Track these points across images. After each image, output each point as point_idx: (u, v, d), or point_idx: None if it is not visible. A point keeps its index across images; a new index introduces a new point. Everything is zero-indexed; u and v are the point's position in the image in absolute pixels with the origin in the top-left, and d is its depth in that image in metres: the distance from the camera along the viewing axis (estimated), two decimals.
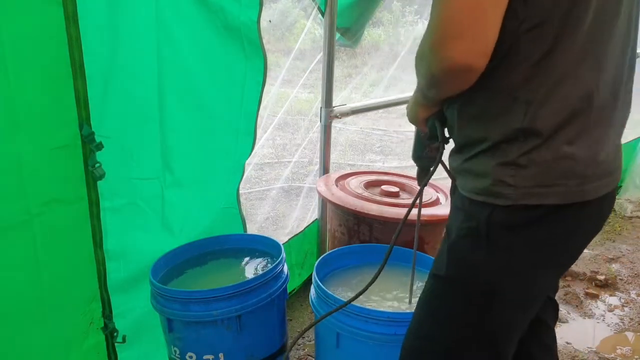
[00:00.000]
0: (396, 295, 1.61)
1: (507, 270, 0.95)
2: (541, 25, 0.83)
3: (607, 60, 0.89)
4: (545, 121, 0.86)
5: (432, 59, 0.85)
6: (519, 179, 0.88)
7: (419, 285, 1.67)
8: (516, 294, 0.98)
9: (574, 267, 2.87)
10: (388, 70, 3.05)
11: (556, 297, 1.32)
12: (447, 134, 1.10)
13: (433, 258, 1.70)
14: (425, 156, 1.29)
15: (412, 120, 1.17)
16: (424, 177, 1.32)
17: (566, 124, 0.87)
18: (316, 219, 2.52)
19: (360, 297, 1.26)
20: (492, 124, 0.91)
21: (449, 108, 1.02)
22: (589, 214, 0.95)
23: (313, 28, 2.46)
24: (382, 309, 1.48)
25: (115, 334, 1.51)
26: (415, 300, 1.49)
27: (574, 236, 0.98)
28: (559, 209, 0.90)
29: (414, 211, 1.27)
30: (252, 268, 1.74)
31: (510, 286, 0.97)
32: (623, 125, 0.99)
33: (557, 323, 2.36)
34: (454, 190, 1.09)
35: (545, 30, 0.83)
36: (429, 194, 2.09)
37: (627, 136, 3.95)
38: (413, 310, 1.15)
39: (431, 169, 1.21)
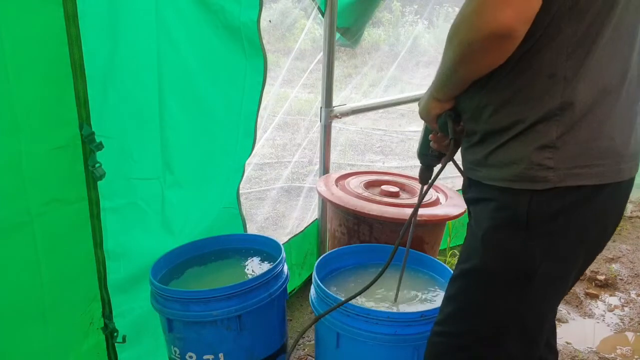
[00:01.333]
0: (383, 294, 1.61)
1: (547, 256, 0.94)
2: (581, 2, 0.84)
3: (638, 40, 0.91)
4: (582, 95, 0.87)
5: (475, 22, 0.83)
6: (558, 160, 0.88)
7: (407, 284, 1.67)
8: (555, 279, 0.98)
9: None
10: (388, 70, 3.05)
11: None
12: (459, 131, 1.08)
13: (432, 258, 1.72)
14: (431, 154, 1.27)
15: (424, 116, 1.16)
16: (427, 175, 1.31)
17: (601, 100, 0.88)
18: (316, 219, 2.52)
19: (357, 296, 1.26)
20: (528, 105, 0.90)
21: (473, 97, 0.99)
22: (620, 195, 0.96)
23: (313, 28, 2.46)
24: (381, 309, 1.48)
25: (115, 334, 1.51)
26: (399, 302, 1.50)
27: (609, 217, 0.99)
28: (597, 190, 0.90)
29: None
30: (252, 268, 1.74)
31: (549, 271, 0.96)
32: None
33: (557, 323, 2.37)
34: (469, 185, 1.07)
35: (585, 7, 0.84)
36: (428, 194, 2.09)
37: None
38: (404, 310, 1.14)
39: (438, 167, 1.20)
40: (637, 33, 0.91)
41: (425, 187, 1.23)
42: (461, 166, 1.12)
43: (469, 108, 1.02)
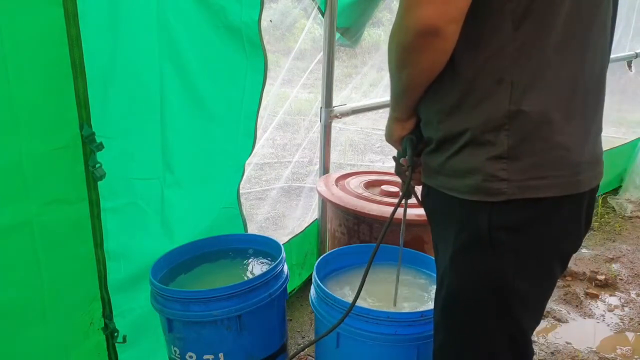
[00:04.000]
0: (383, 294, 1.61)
1: (519, 273, 0.93)
2: (525, 6, 0.83)
3: (591, 45, 0.89)
4: (532, 104, 0.84)
5: (403, 24, 0.85)
6: (512, 172, 0.86)
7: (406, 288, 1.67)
8: (530, 292, 0.96)
9: (574, 267, 2.87)
10: (388, 70, 3.04)
11: (556, 297, 1.32)
12: (417, 162, 1.09)
13: (432, 257, 1.71)
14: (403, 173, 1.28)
15: (388, 139, 1.16)
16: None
17: (555, 109, 0.85)
18: (316, 219, 2.52)
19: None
20: (475, 112, 0.87)
21: (427, 103, 0.99)
22: (583, 204, 0.95)
23: (313, 28, 2.46)
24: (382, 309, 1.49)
25: (115, 334, 1.51)
26: (399, 302, 1.50)
27: (577, 226, 0.97)
28: (557, 201, 0.88)
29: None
30: (252, 268, 1.74)
31: (523, 286, 0.94)
32: (601, 113, 0.97)
33: (557, 323, 2.37)
34: (427, 193, 1.05)
35: (530, 11, 0.83)
36: None
37: (626, 136, 3.96)
38: (408, 310, 1.14)
39: (405, 190, 1.19)
40: (591, 43, 0.88)
41: (399, 202, 1.20)
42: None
43: (423, 113, 1.01)
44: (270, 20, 2.36)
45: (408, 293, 1.61)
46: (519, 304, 0.96)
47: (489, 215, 0.89)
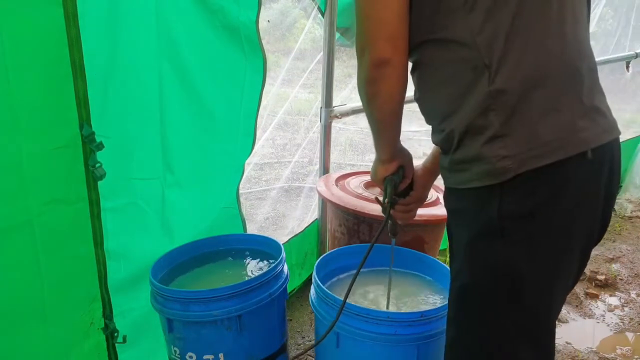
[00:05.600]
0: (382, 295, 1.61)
1: (533, 261, 0.92)
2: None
3: (571, 18, 0.91)
4: (510, 79, 0.88)
5: (362, 64, 0.99)
6: (511, 147, 0.88)
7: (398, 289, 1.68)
8: (545, 279, 0.95)
9: None
10: None
11: None
12: (394, 201, 1.24)
13: (432, 258, 1.71)
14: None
15: (372, 178, 1.29)
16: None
17: (533, 79, 0.88)
18: (316, 219, 2.52)
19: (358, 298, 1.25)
20: (462, 104, 0.93)
21: (426, 113, 1.07)
22: (595, 173, 0.92)
23: (313, 28, 2.46)
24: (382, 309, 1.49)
25: (115, 334, 1.51)
26: (391, 306, 1.50)
27: (594, 200, 0.94)
28: (559, 169, 0.87)
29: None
30: (252, 268, 1.74)
31: (537, 273, 0.93)
32: (596, 88, 0.96)
33: (557, 323, 2.37)
34: (448, 194, 1.06)
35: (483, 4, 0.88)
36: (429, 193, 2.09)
37: (623, 135, 3.95)
38: (408, 310, 1.14)
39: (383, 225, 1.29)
40: (565, 16, 0.91)
41: (371, 242, 1.26)
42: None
43: (430, 123, 1.07)
44: (268, 21, 2.36)
45: (407, 294, 1.61)
46: (533, 292, 0.95)
47: (499, 202, 0.90)
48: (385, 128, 1.11)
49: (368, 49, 0.97)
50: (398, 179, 1.22)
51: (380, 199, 1.30)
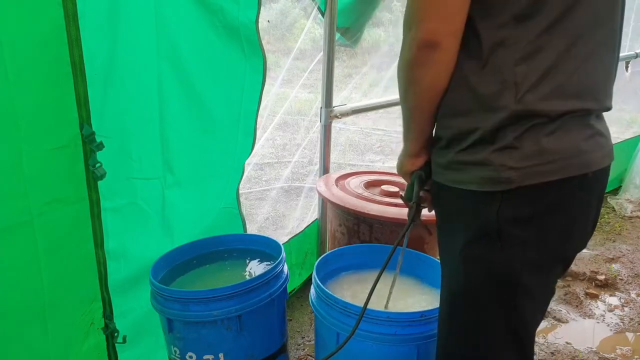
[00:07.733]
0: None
1: (527, 266, 0.93)
2: (531, 14, 0.85)
3: (596, 47, 0.91)
4: (537, 105, 0.87)
5: (407, 42, 0.91)
6: (519, 159, 0.88)
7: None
8: (536, 286, 0.97)
9: (574, 267, 2.87)
10: (388, 70, 3.04)
11: (556, 297, 1.32)
12: (423, 198, 1.15)
13: (432, 258, 1.72)
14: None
15: (398, 170, 1.21)
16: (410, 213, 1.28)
17: (558, 107, 0.88)
18: (316, 219, 2.52)
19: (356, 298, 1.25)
20: (486, 114, 0.90)
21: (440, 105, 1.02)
22: (591, 190, 0.95)
23: (313, 28, 2.46)
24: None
25: (115, 334, 1.51)
26: (390, 305, 1.50)
27: (586, 214, 0.98)
28: (562, 186, 0.89)
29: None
30: (252, 268, 1.74)
31: (530, 279, 0.95)
32: (604, 99, 0.98)
33: (557, 323, 2.37)
34: (437, 193, 1.06)
35: (530, 13, 0.85)
36: None
37: (623, 135, 3.96)
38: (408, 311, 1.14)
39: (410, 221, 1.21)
40: (596, 40, 0.90)
41: (393, 209, 1.23)
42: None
43: (439, 115, 1.04)
44: (268, 21, 2.36)
45: (407, 294, 1.61)
46: (525, 298, 0.96)
47: (499, 207, 0.91)
48: (420, 118, 1.03)
49: (416, 26, 0.88)
50: (425, 175, 1.12)
51: (400, 193, 1.25)
